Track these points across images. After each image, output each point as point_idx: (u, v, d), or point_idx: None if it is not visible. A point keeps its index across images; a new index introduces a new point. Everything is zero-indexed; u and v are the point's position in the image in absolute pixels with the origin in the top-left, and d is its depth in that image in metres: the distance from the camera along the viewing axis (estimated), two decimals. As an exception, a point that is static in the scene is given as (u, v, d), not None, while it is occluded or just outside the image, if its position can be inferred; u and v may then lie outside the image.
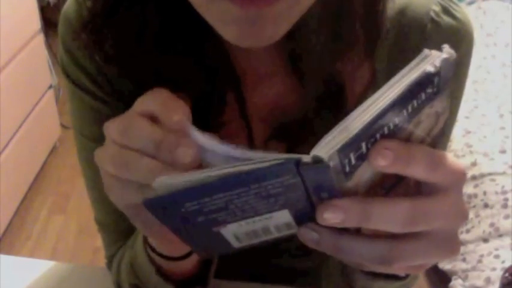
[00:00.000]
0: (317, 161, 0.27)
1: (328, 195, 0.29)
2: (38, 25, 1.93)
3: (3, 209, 1.69)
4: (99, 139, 0.53)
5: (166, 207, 0.30)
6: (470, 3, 2.33)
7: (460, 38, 0.49)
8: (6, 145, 1.71)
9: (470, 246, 1.37)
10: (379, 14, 0.45)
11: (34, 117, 1.90)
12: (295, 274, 0.63)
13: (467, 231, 1.41)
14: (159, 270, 0.48)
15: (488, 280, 1.26)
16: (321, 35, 0.44)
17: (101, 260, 0.63)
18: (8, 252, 1.70)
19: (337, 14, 0.44)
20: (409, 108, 0.28)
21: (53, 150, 2.13)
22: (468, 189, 1.47)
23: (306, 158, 0.27)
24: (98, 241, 0.63)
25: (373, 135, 0.28)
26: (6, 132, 1.72)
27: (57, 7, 2.58)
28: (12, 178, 1.75)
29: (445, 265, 1.41)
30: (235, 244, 0.34)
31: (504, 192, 1.40)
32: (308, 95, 0.48)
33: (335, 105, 0.48)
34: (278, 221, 0.31)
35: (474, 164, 1.50)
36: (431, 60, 0.28)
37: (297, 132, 0.48)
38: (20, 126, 1.80)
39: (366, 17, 0.45)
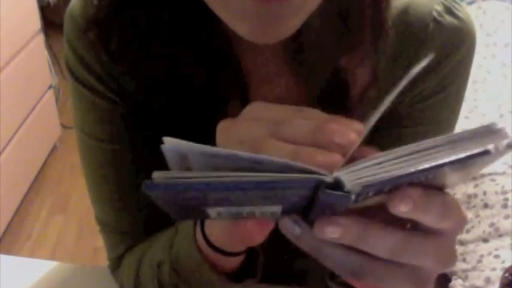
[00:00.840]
0: (338, 184, 0.27)
1: (330, 211, 0.29)
2: (38, 25, 1.93)
3: (3, 209, 1.69)
4: (102, 138, 0.53)
5: (166, 190, 0.28)
6: (470, 3, 2.33)
7: (462, 38, 0.49)
8: (6, 145, 1.71)
9: (470, 246, 1.37)
10: (382, 10, 0.45)
11: (34, 117, 1.90)
12: (295, 275, 0.63)
13: (467, 231, 1.41)
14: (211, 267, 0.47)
15: (488, 280, 1.26)
16: (326, 32, 0.45)
17: (101, 260, 0.63)
18: (8, 252, 1.70)
19: (344, 11, 0.44)
20: (450, 171, 0.28)
21: (53, 150, 2.13)
22: (468, 189, 1.47)
23: (328, 178, 0.27)
24: (98, 241, 0.63)
25: (403, 182, 0.28)
26: (6, 132, 1.72)
27: (57, 7, 2.57)
28: (12, 178, 1.74)
29: (445, 265, 1.41)
30: (214, 217, 0.33)
31: (504, 192, 1.40)
32: (312, 92, 0.48)
33: (339, 101, 0.48)
34: (266, 210, 0.31)
35: (474, 164, 1.50)
36: (497, 139, 0.27)
37: None
38: (20, 126, 1.80)
39: (372, 13, 0.45)
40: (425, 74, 0.50)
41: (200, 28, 0.45)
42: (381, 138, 0.52)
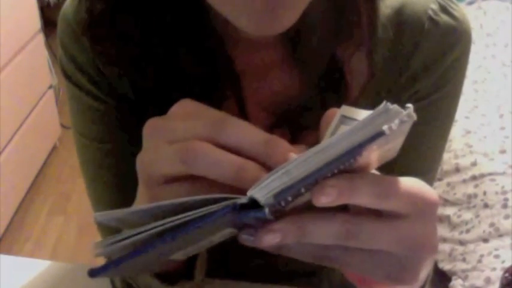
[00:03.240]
0: (253, 202, 0.28)
1: (264, 222, 0.29)
2: (38, 25, 1.93)
3: (3, 209, 1.69)
4: (98, 139, 0.53)
5: (112, 270, 0.31)
6: (470, 3, 2.33)
7: (457, 37, 0.49)
8: (6, 145, 1.71)
9: (470, 246, 1.37)
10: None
11: (34, 117, 1.90)
12: (293, 275, 0.63)
13: (467, 231, 1.41)
14: None
15: (488, 280, 1.26)
16: (322, 23, 0.45)
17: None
18: (8, 252, 1.70)
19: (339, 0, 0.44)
20: (357, 157, 0.28)
21: (53, 150, 2.13)
22: (468, 189, 1.47)
23: (242, 200, 0.28)
24: (98, 241, 0.63)
25: (314, 180, 0.28)
26: (6, 132, 1.72)
27: (57, 7, 2.58)
28: (12, 178, 1.74)
29: (445, 265, 1.41)
30: (181, 258, 0.34)
31: (504, 192, 1.40)
32: (310, 82, 0.48)
33: (337, 91, 0.48)
34: (222, 234, 0.32)
35: (474, 164, 1.50)
36: (390, 118, 0.27)
37: (300, 119, 0.49)
38: (20, 126, 1.80)
39: (365, 2, 0.45)
40: (422, 73, 0.50)
41: (193, 29, 0.45)
42: None
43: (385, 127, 0.27)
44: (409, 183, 0.30)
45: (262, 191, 0.28)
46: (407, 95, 0.51)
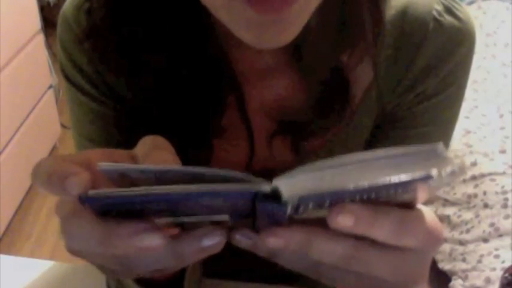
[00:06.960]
0: (275, 193, 0.26)
1: (274, 220, 0.28)
2: (38, 25, 1.93)
3: (3, 209, 1.69)
4: (96, 139, 0.53)
5: (104, 206, 0.28)
6: (470, 3, 2.33)
7: (462, 38, 0.49)
8: (6, 145, 1.71)
9: (470, 246, 1.37)
10: (380, 5, 0.46)
11: (34, 117, 1.90)
12: (293, 275, 0.63)
13: (467, 231, 1.41)
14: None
15: (488, 280, 1.26)
16: (325, 30, 0.45)
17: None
18: (8, 252, 1.70)
19: (342, 7, 0.44)
20: (392, 192, 0.27)
21: (53, 150, 2.12)
22: (468, 189, 1.47)
23: (265, 188, 0.26)
24: (98, 241, 0.63)
25: (343, 198, 0.27)
26: (6, 132, 1.72)
27: (57, 7, 2.58)
28: (12, 178, 1.74)
29: (445, 265, 1.41)
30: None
31: (504, 192, 1.40)
32: (312, 89, 0.48)
33: (340, 98, 0.48)
34: (214, 219, 0.30)
35: (474, 164, 1.50)
36: (441, 164, 0.26)
37: (303, 126, 0.49)
38: (20, 126, 1.80)
39: (369, 9, 0.45)
40: (426, 75, 0.50)
41: (194, 34, 0.45)
42: (382, 140, 0.52)
43: (434, 171, 0.25)
44: (426, 220, 0.30)
45: (290, 187, 0.26)
46: (411, 96, 0.51)
